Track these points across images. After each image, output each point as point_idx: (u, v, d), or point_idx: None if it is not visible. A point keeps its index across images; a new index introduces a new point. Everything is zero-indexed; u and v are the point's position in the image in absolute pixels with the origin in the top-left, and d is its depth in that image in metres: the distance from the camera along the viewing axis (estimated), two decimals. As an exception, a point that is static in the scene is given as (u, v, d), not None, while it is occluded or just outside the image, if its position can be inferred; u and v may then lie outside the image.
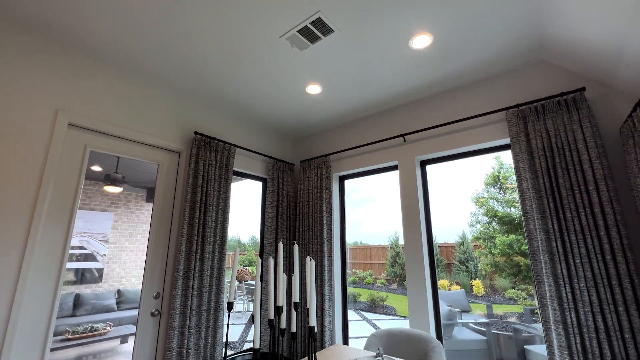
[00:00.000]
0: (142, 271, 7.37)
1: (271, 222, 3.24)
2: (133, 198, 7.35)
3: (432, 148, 2.69)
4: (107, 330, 4.39)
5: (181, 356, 2.26)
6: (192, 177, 2.55)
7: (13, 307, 1.68)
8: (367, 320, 6.97)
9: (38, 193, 1.84)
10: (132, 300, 5.83)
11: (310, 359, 1.14)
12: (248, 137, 3.32)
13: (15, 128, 1.80)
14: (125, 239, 7.12)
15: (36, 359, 1.78)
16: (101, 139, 2.23)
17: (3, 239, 1.69)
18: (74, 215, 2.03)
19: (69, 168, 2.04)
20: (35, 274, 1.82)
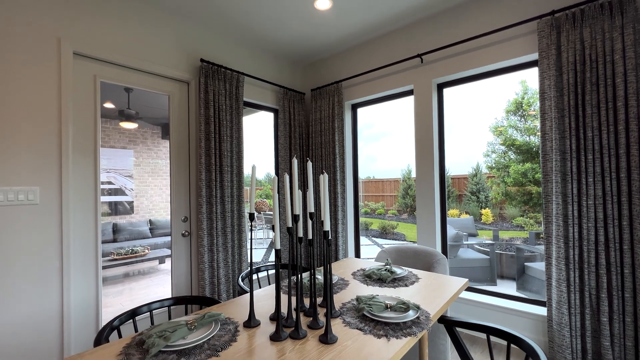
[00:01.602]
0: (167, 204, 7.86)
1: (285, 153, 3.30)
2: (149, 135, 7.50)
3: (451, 68, 2.52)
4: (145, 253, 4.97)
5: (213, 269, 2.58)
6: (204, 107, 2.55)
7: (63, 232, 1.91)
8: (377, 245, 7.52)
9: (61, 128, 1.91)
10: (162, 228, 6.41)
11: (325, 261, 1.30)
12: (257, 65, 3.18)
13: (23, 62, 1.78)
14: (148, 175, 7.52)
15: (91, 275, 2.08)
16: (110, 69, 2.19)
17: (40, 174, 1.83)
18: (97, 146, 2.13)
19: (84, 100, 2.07)
20: (75, 205, 2.01)
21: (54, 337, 1.86)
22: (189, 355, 0.94)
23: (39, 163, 1.83)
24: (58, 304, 1.88)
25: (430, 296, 1.40)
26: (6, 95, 1.72)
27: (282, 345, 1.01)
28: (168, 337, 0.99)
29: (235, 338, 1.05)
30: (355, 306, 1.25)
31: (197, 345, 0.99)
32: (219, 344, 1.00)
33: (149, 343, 0.96)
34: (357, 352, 0.95)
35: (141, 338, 1.03)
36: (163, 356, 0.94)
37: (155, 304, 1.37)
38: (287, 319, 1.14)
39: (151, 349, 0.94)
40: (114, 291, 3.90)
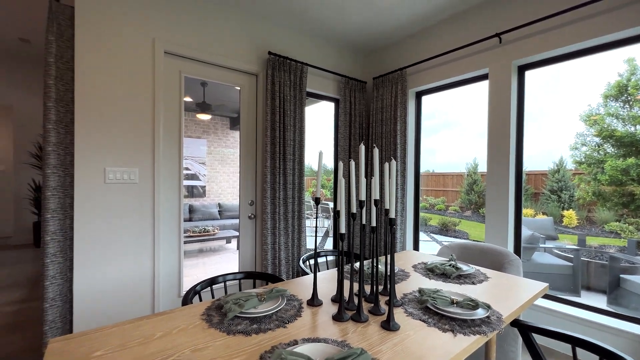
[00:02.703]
0: (234, 189, 8.44)
1: (344, 142, 3.32)
2: (219, 126, 8.12)
3: (536, 47, 2.22)
4: (215, 232, 5.49)
5: (275, 250, 2.75)
6: (270, 98, 2.69)
7: (155, 208, 2.22)
8: (437, 241, 7.14)
9: (154, 118, 2.20)
10: (229, 211, 6.96)
11: (390, 248, 1.29)
12: (319, 55, 3.22)
13: (126, 57, 2.09)
14: (218, 162, 8.18)
15: (175, 247, 2.39)
16: (191, 65, 2.44)
17: (138, 158, 2.14)
18: (181, 135, 2.40)
19: (171, 94, 2.34)
20: (164, 186, 2.31)
21: (147, 295, 2.20)
22: (260, 323, 1.04)
23: (138, 147, 2.15)
24: (150, 268, 2.22)
25: (502, 297, 1.30)
26: (116, 89, 2.05)
27: (344, 325, 1.04)
28: (242, 305, 1.10)
29: (300, 313, 1.12)
30: (418, 298, 1.22)
31: (267, 315, 1.08)
32: (286, 317, 1.08)
33: (227, 308, 1.08)
34: (420, 342, 0.94)
35: (219, 303, 1.16)
36: (238, 320, 1.05)
37: (229, 275, 1.53)
38: (348, 302, 1.17)
39: (228, 313, 1.05)
40: (189, 264, 4.43)
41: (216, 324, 1.03)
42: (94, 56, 1.97)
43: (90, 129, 1.96)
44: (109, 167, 2.03)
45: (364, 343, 0.93)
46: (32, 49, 4.49)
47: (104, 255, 2.03)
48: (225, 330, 0.99)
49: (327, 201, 9.34)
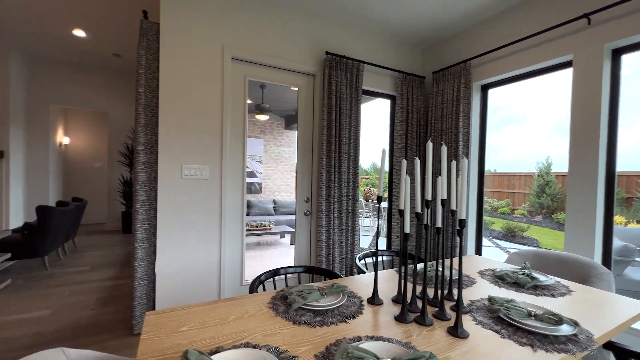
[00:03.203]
0: (288, 187, 8.74)
1: (400, 140, 3.22)
2: (275, 126, 8.49)
3: (637, 26, 1.89)
4: (270, 227, 5.76)
5: (329, 247, 2.79)
6: (327, 97, 2.73)
7: (222, 202, 2.42)
8: (500, 248, 6.53)
9: (222, 119, 2.40)
10: (283, 207, 7.24)
11: (451, 254, 1.22)
12: (376, 52, 3.17)
13: (200, 65, 2.31)
14: (273, 161, 8.55)
15: (238, 239, 2.57)
16: (254, 69, 2.60)
17: (208, 156, 2.36)
18: (245, 135, 2.57)
19: (236, 96, 2.52)
20: (229, 182, 2.51)
21: (214, 281, 2.42)
22: (323, 316, 1.07)
23: (208, 147, 2.36)
24: (217, 257, 2.42)
25: (591, 314, 1.14)
26: (191, 95, 2.28)
27: (408, 327, 1.02)
28: (305, 297, 1.14)
29: (361, 310, 1.13)
30: (488, 306, 1.14)
31: (329, 309, 1.11)
32: (347, 313, 1.10)
33: (291, 299, 1.14)
34: (494, 354, 0.88)
35: (284, 294, 1.22)
36: (302, 312, 1.09)
37: (290, 268, 1.60)
38: (410, 303, 1.14)
39: (293, 304, 1.10)
40: (248, 255, 4.74)
41: (282, 313, 1.09)
42: (174, 66, 2.22)
43: (170, 131, 2.22)
44: (185, 164, 2.27)
45: (430, 347, 0.90)
46: (123, 62, 5.21)
47: (180, 243, 2.28)
48: (290, 319, 1.04)
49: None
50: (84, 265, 3.72)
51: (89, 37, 4.23)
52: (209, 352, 0.82)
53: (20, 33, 4.15)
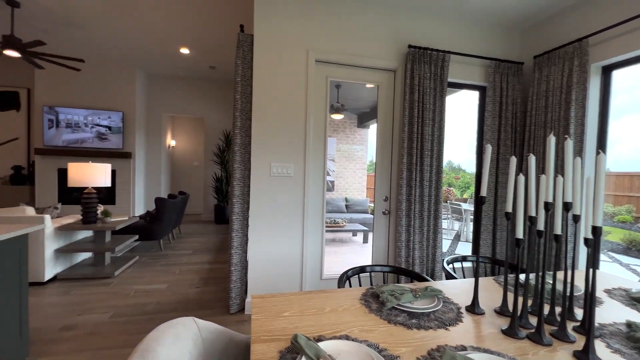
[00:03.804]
0: (359, 185, 8.66)
1: (492, 135, 2.90)
2: (348, 125, 8.52)
3: None
4: (343, 225, 5.82)
5: (408, 249, 2.69)
6: (409, 92, 2.63)
7: (305, 199, 2.55)
8: (621, 264, 5.35)
9: (306, 119, 2.52)
10: (356, 205, 7.23)
11: (592, 264, 1.05)
12: (463, 40, 2.92)
13: (287, 71, 2.47)
14: (345, 159, 8.58)
15: (319, 234, 2.68)
16: (336, 69, 2.66)
17: (293, 155, 2.51)
18: (326, 134, 2.66)
19: (318, 97, 2.62)
20: (311, 180, 2.62)
21: (297, 273, 2.57)
22: (418, 319, 1.04)
23: (293, 146, 2.51)
24: (300, 250, 2.56)
25: None
26: (279, 98, 2.45)
27: (520, 344, 0.92)
28: (398, 298, 1.12)
29: (460, 318, 1.06)
30: (627, 334, 0.95)
31: (424, 313, 1.07)
32: (445, 319, 1.04)
33: (384, 297, 1.13)
34: (644, 391, 0.72)
35: (374, 292, 1.23)
36: (396, 312, 1.08)
37: (376, 267, 1.60)
38: (521, 317, 1.02)
39: (387, 303, 1.10)
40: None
41: (375, 311, 1.09)
42: (265, 73, 2.42)
43: (261, 132, 2.43)
44: (273, 162, 2.46)
45: (553, 370, 0.79)
46: (216, 73, 5.91)
47: (268, 235, 2.48)
48: (385, 318, 1.04)
49: (458, 201, 8.47)
50: (188, 249, 4.36)
51: (191, 54, 4.92)
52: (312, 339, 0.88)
53: (143, 55, 5.07)
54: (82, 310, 2.43)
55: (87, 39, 4.45)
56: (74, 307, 2.48)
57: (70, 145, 5.39)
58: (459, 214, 7.57)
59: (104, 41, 4.50)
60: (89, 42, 4.57)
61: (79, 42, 4.56)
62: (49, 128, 5.30)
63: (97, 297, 2.68)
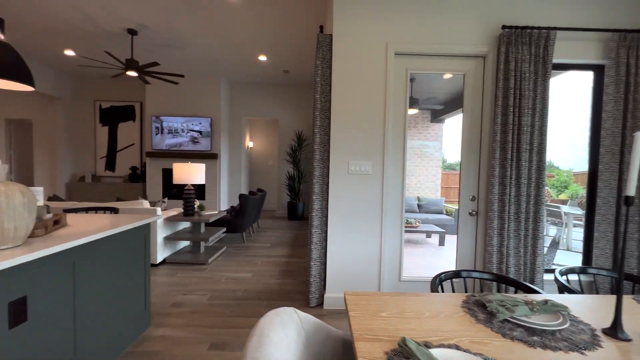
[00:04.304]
0: (432, 183, 8.15)
1: (613, 123, 2.40)
2: (420, 120, 8.07)
3: None
4: (417, 225, 5.54)
5: (501, 254, 2.40)
6: (503, 79, 2.34)
7: (383, 197, 2.49)
8: None
9: (385, 115, 2.45)
10: (429, 205, 6.82)
11: None
12: (572, 11, 2.47)
13: (366, 67, 2.43)
14: (417, 156, 8.16)
15: (398, 233, 2.58)
16: (416, 61, 2.52)
17: (371, 152, 2.46)
18: (405, 129, 2.54)
19: (397, 91, 2.52)
20: (390, 176, 2.53)
21: (374, 272, 2.52)
22: (541, 337, 0.90)
23: (371, 143, 2.46)
24: (378, 249, 2.51)
25: None
26: (357, 95, 2.44)
27: (696, 385, 0.72)
28: (511, 310, 0.99)
29: (598, 342, 0.88)
30: None
31: (547, 330, 0.92)
32: (578, 341, 0.88)
33: (492, 307, 1.01)
34: None
35: (478, 300, 1.11)
36: (509, 325, 0.95)
37: (474, 272, 1.46)
38: (692, 352, 0.80)
39: (498, 315, 0.98)
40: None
41: (483, 321, 0.98)
42: (344, 71, 2.42)
43: (340, 130, 2.44)
44: (351, 160, 2.46)
45: None
46: (290, 77, 6.20)
47: (346, 232, 2.49)
48: (497, 331, 0.93)
49: (555, 203, 7.29)
50: (266, 243, 4.68)
51: (268, 60, 5.25)
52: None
53: (226, 66, 5.61)
54: (186, 291, 2.80)
55: (183, 56, 5.13)
56: (180, 288, 2.88)
57: (171, 148, 6.30)
58: (557, 218, 6.49)
59: (195, 56, 5.12)
60: (184, 59, 5.26)
61: (177, 59, 5.27)
62: (156, 134, 6.27)
63: (196, 281, 3.06)
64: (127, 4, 3.45)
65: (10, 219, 1.17)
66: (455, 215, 6.40)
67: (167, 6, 3.48)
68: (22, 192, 1.22)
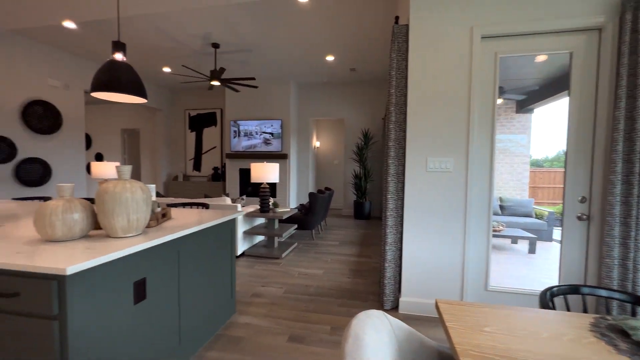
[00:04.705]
0: (519, 183, 7.22)
1: None
2: (502, 111, 7.24)
3: None
4: (500, 229, 4.95)
5: (625, 269, 1.96)
6: (628, 54, 1.90)
7: (467, 198, 2.26)
8: None
9: (469, 106, 2.22)
10: (515, 206, 6.02)
11: None
12: None
13: (446, 55, 2.24)
14: (499, 152, 7.34)
15: (484, 238, 2.32)
16: (507, 43, 2.22)
17: (452, 147, 2.26)
18: (494, 121, 2.26)
19: (485, 79, 2.25)
20: (475, 174, 2.29)
21: (456, 280, 2.31)
22: None
23: (453, 138, 2.26)
24: (460, 255, 2.29)
25: None
26: (437, 87, 2.26)
27: None
28: (670, 342, 0.78)
29: None
30: None
31: None
32: None
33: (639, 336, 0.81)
34: None
35: (615, 325, 0.91)
36: (668, 362, 0.75)
37: (600, 290, 1.20)
38: None
39: (650, 346, 0.78)
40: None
41: (626, 352, 0.79)
42: (421, 61, 2.27)
43: (416, 125, 2.30)
44: (429, 157, 2.29)
45: None
46: (356, 75, 6.15)
47: (423, 234, 2.33)
48: (651, 367, 0.73)
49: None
50: (334, 241, 4.72)
51: (335, 60, 5.27)
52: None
53: (295, 68, 5.82)
54: (264, 283, 2.99)
55: (257, 63, 5.49)
56: (258, 279, 3.08)
57: (246, 150, 6.82)
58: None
59: (267, 62, 5.43)
60: (257, 65, 5.62)
61: (252, 66, 5.67)
62: (234, 137, 6.87)
63: (272, 274, 3.24)
64: (210, 22, 3.83)
65: (134, 212, 1.38)
66: (549, 219, 5.54)
67: (243, 17, 3.75)
68: (141, 188, 1.43)
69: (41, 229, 1.27)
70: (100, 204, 1.34)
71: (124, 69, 1.71)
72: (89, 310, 1.15)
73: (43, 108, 4.65)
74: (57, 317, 1.07)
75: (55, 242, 1.32)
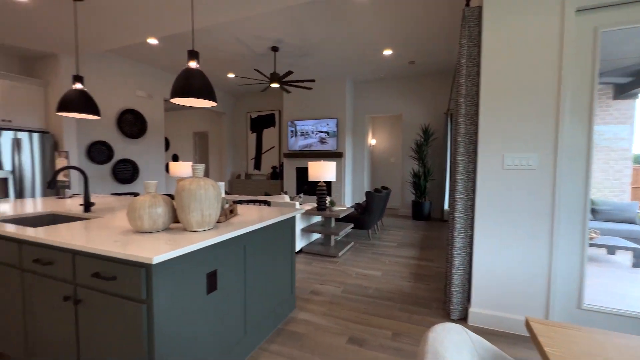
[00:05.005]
0: (617, 182, 6.18)
1: None
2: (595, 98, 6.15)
3: None
4: (593, 237, 4.23)
5: None
6: None
7: (555, 198, 1.95)
8: None
9: (559, 92, 1.91)
10: (612, 211, 5.13)
11: None
12: None
13: (528, 35, 1.95)
14: (590, 146, 6.22)
15: (577, 247, 1.98)
16: (610, 14, 1.85)
17: (537, 142, 1.97)
18: (592, 110, 1.91)
19: (581, 60, 1.91)
20: (566, 172, 1.96)
21: (540, 294, 2.01)
22: None
23: (538, 131, 1.97)
24: (545, 265, 1.99)
25: None
26: (516, 74, 1.99)
27: None
28: None
29: None
30: None
31: None
32: None
33: None
34: None
35: None
36: None
37: None
38: None
39: None
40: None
41: None
42: (497, 45, 2.02)
43: (491, 117, 2.06)
44: (507, 153, 2.04)
45: None
46: (415, 68, 5.83)
47: (498, 239, 2.08)
48: None
49: None
50: (392, 242, 4.54)
51: (394, 54, 5.06)
52: None
53: (351, 66, 5.74)
54: (322, 281, 3.00)
55: (313, 63, 5.55)
56: (316, 277, 3.11)
57: (303, 149, 6.98)
58: None
59: (324, 61, 5.46)
60: (314, 65, 5.69)
61: (308, 66, 5.76)
62: (291, 137, 7.08)
63: (329, 272, 3.24)
64: (270, 26, 3.97)
65: (207, 207, 1.48)
66: (662, 227, 4.63)
67: (300, 18, 3.80)
68: (213, 186, 1.52)
69: (132, 220, 1.44)
70: (179, 199, 1.46)
71: (197, 75, 1.84)
72: (170, 297, 1.26)
73: (133, 116, 5.38)
74: (145, 301, 1.19)
75: (143, 233, 1.48)
